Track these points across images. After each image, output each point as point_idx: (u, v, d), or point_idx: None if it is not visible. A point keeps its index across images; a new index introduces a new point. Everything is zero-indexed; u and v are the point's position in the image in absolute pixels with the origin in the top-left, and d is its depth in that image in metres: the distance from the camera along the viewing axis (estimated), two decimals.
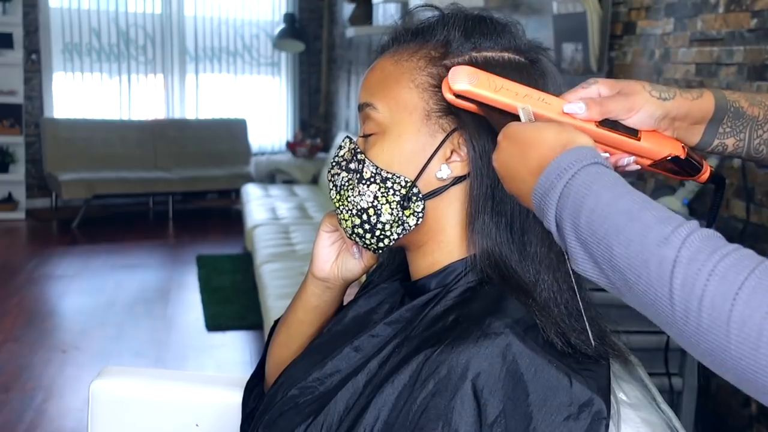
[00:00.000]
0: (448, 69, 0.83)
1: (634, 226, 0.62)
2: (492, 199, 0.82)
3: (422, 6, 0.91)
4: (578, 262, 0.66)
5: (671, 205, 1.95)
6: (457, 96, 0.79)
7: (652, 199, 0.66)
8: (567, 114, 0.76)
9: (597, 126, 0.77)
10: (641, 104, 0.78)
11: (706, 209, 2.09)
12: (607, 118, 0.77)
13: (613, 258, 0.63)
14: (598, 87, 0.79)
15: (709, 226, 0.70)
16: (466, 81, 0.77)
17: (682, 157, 0.80)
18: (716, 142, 0.84)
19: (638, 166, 0.81)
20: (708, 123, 0.83)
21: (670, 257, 0.59)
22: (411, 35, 0.87)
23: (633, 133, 0.78)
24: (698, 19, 2.21)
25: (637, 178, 2.44)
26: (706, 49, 2.18)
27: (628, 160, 0.80)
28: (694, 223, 0.61)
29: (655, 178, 2.38)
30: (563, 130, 0.71)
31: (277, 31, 6.79)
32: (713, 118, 0.83)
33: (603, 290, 0.67)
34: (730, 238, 0.60)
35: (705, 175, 0.82)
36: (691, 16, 2.25)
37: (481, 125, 0.81)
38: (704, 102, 0.82)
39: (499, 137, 0.74)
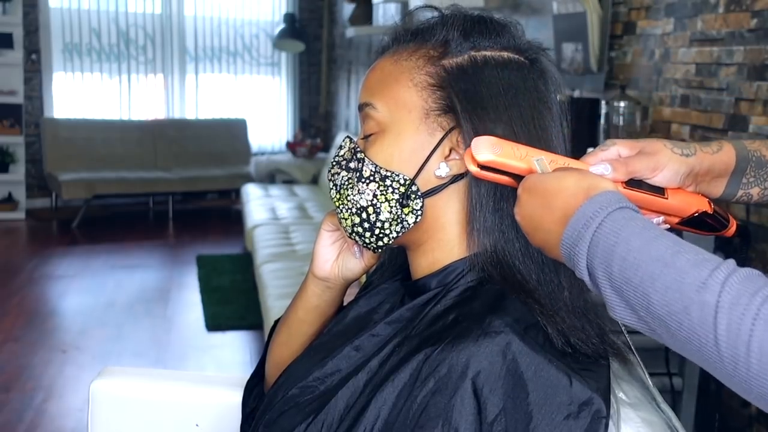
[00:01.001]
0: (445, 69, 0.83)
1: (669, 273, 0.60)
2: (494, 198, 0.82)
3: (422, 7, 0.91)
4: (615, 310, 0.65)
5: None
6: (482, 167, 0.77)
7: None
8: None
9: (624, 187, 0.77)
10: (665, 162, 0.78)
11: None
12: (632, 178, 0.77)
13: (651, 306, 0.61)
14: (618, 148, 0.79)
15: None
16: (490, 151, 0.75)
17: (710, 212, 0.80)
18: (740, 192, 0.84)
19: (667, 225, 0.80)
20: (730, 175, 0.83)
21: (711, 303, 0.58)
22: (411, 35, 0.88)
23: (660, 191, 0.78)
24: (698, 19, 2.21)
25: None
26: (706, 49, 2.18)
27: (657, 220, 0.79)
28: (731, 263, 0.60)
29: None
30: (583, 176, 0.71)
31: (277, 31, 6.79)
32: (735, 170, 0.83)
33: None
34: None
35: (732, 229, 0.83)
36: (691, 16, 2.25)
37: (481, 125, 0.81)
38: (725, 155, 0.82)
39: (519, 190, 0.74)
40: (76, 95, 6.49)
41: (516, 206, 0.75)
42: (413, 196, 0.83)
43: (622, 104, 2.31)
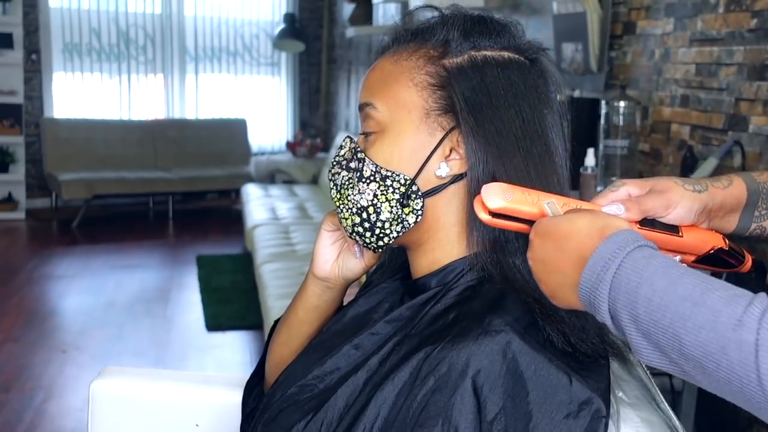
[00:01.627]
0: (446, 68, 0.84)
1: (700, 312, 0.58)
2: None
3: (422, 7, 0.92)
4: (642, 353, 0.63)
5: None
6: (493, 215, 0.75)
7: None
8: None
9: (639, 228, 0.75)
10: (678, 199, 0.77)
11: None
12: (645, 217, 0.76)
13: (683, 347, 0.59)
14: (628, 188, 0.78)
15: None
16: (501, 198, 0.73)
17: (725, 248, 0.79)
18: (754, 225, 0.83)
19: (684, 265, 0.79)
20: (743, 209, 0.82)
21: (750, 341, 0.55)
22: (411, 35, 0.88)
23: (674, 229, 0.77)
24: (698, 19, 2.21)
25: None
26: (706, 49, 2.18)
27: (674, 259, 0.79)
28: (763, 297, 0.58)
29: None
30: (596, 217, 0.69)
31: (277, 31, 6.79)
32: (747, 203, 0.82)
33: None
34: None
35: (748, 264, 0.82)
36: (691, 16, 2.25)
37: (481, 125, 0.81)
38: (736, 189, 0.82)
39: (531, 235, 0.73)
40: (76, 95, 6.49)
41: (528, 251, 0.73)
42: (414, 195, 0.84)
43: (622, 104, 2.31)
